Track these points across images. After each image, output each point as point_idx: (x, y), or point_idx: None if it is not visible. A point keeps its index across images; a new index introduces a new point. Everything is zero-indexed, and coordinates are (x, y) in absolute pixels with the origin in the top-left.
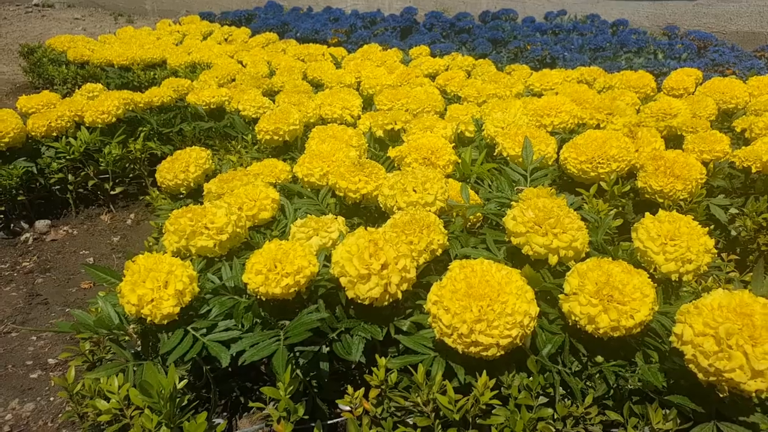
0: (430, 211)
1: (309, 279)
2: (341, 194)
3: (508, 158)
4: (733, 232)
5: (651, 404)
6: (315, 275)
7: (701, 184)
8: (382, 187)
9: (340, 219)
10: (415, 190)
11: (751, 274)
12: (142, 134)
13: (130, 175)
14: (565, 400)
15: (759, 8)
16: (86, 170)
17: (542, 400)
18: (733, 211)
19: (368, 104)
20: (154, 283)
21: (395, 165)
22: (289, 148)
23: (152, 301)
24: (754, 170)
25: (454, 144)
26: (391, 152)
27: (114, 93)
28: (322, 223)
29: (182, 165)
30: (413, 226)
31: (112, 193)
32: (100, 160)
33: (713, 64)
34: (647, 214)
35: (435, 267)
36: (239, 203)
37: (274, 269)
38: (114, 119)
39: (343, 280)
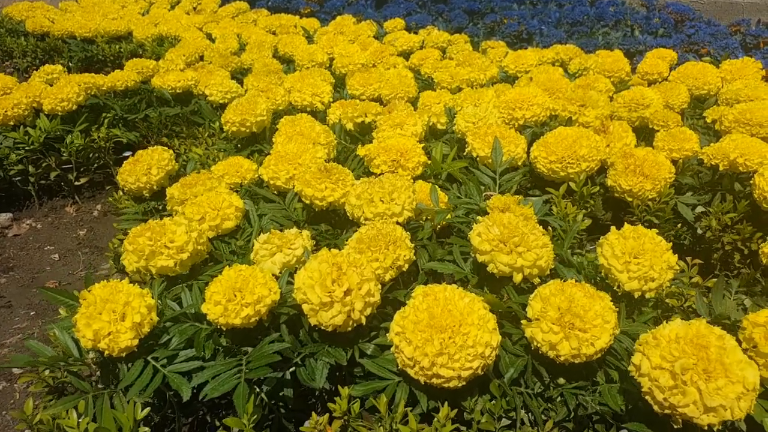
0: (397, 221)
1: (270, 307)
2: (308, 201)
3: (478, 159)
4: (699, 231)
5: (609, 430)
6: (276, 302)
7: (670, 183)
8: (349, 195)
9: (305, 233)
10: (382, 201)
11: (715, 280)
12: (105, 121)
13: (95, 165)
14: (529, 416)
15: None
16: (48, 161)
17: (505, 422)
18: (699, 209)
19: (340, 84)
20: (110, 315)
21: (365, 163)
22: (257, 139)
23: (109, 334)
24: (721, 168)
25: (424, 140)
26: (360, 151)
27: (74, 77)
28: (285, 239)
29: (144, 167)
30: (379, 242)
31: (76, 183)
32: (62, 150)
33: (689, 42)
34: (612, 228)
35: (402, 279)
36: (201, 212)
37: (234, 299)
38: (75, 107)
39: (305, 307)
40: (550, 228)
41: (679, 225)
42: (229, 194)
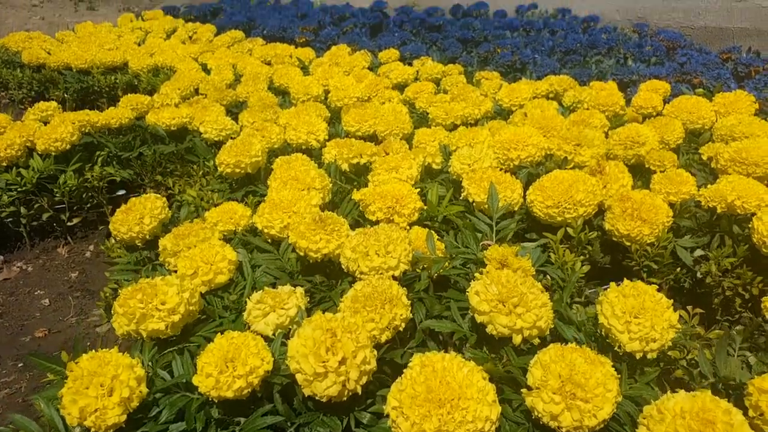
0: (393, 274)
1: (263, 377)
2: (302, 253)
3: (474, 204)
4: (699, 274)
5: None
6: (269, 372)
7: (668, 227)
8: (344, 248)
9: (299, 291)
10: (377, 254)
11: (717, 331)
12: (99, 159)
13: (88, 204)
14: None
15: (727, 4)
16: (40, 202)
17: None
18: (698, 253)
19: (336, 117)
20: (97, 390)
21: (360, 208)
22: (251, 179)
23: (96, 411)
24: (719, 210)
25: (420, 181)
26: (355, 195)
27: (68, 116)
28: (278, 298)
29: (136, 217)
30: (375, 301)
31: (69, 224)
32: (55, 190)
33: (681, 72)
34: (612, 285)
35: (399, 336)
36: (194, 267)
37: (226, 370)
38: (68, 146)
39: (299, 377)
40: (548, 277)
41: (679, 269)
42: (222, 246)
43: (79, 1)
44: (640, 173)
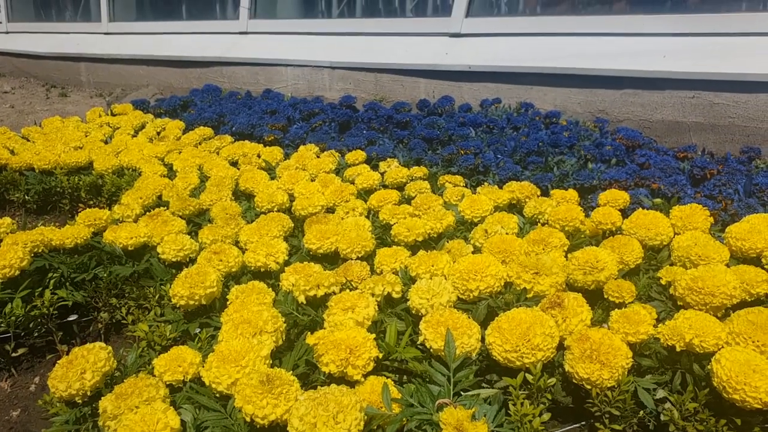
0: None
1: None
2: (248, 419)
3: (432, 350)
4: (663, 418)
5: None
6: None
7: (627, 370)
8: (291, 416)
9: None
10: (326, 425)
11: None
12: (51, 282)
13: (36, 333)
14: None
15: (681, 99)
16: None
17: None
18: (660, 394)
19: (301, 226)
20: None
21: (314, 357)
22: (207, 310)
23: None
24: (678, 348)
25: (379, 311)
26: (309, 340)
27: (21, 236)
28: None
29: (77, 372)
30: None
31: (13, 355)
32: (0, 320)
33: (640, 176)
34: None
35: None
36: None
37: None
38: (18, 273)
39: None
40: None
41: (641, 413)
42: (165, 411)
43: (52, 87)
44: (602, 299)
